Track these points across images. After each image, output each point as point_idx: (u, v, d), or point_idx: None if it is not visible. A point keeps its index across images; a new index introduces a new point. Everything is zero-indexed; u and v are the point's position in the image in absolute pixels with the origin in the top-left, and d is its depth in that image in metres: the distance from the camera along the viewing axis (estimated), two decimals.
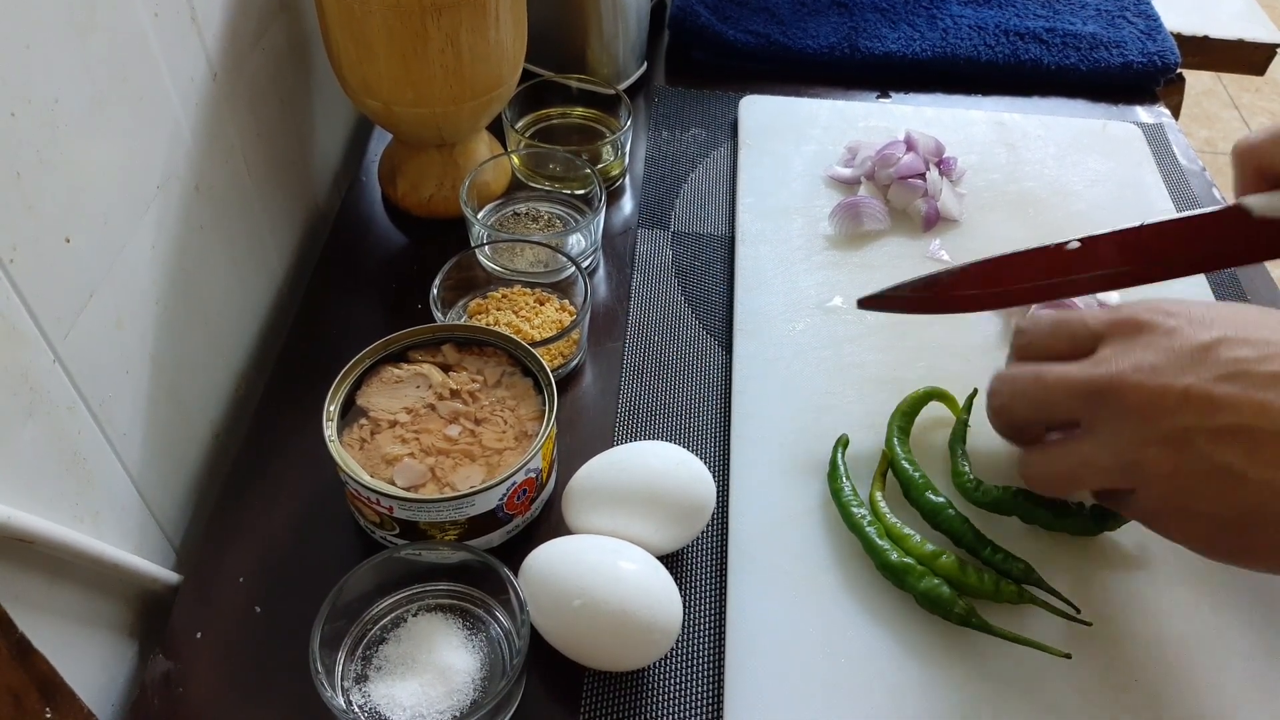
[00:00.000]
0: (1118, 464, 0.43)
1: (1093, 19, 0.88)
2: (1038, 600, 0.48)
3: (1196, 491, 0.41)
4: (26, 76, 0.39)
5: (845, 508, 0.51)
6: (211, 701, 0.47)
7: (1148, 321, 0.44)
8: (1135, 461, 0.42)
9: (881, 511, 0.51)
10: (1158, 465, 0.41)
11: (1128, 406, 0.42)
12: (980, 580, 0.48)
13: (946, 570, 0.48)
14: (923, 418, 0.57)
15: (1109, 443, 0.43)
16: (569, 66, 0.76)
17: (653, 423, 0.58)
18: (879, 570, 0.49)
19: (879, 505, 0.51)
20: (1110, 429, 0.43)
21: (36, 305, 0.41)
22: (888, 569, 0.49)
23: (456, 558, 0.48)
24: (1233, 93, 2.37)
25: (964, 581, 0.48)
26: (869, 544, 0.49)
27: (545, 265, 0.63)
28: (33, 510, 0.41)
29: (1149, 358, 0.42)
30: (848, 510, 0.51)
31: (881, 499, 0.52)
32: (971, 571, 0.48)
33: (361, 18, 0.58)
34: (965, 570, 0.48)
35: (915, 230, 0.69)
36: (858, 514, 0.51)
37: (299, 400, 0.58)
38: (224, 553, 0.52)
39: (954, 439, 0.55)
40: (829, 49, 0.84)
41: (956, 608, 0.47)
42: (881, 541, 0.49)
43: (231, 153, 0.59)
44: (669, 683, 0.48)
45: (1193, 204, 0.73)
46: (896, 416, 0.55)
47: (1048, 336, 0.48)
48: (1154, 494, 0.43)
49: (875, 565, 0.49)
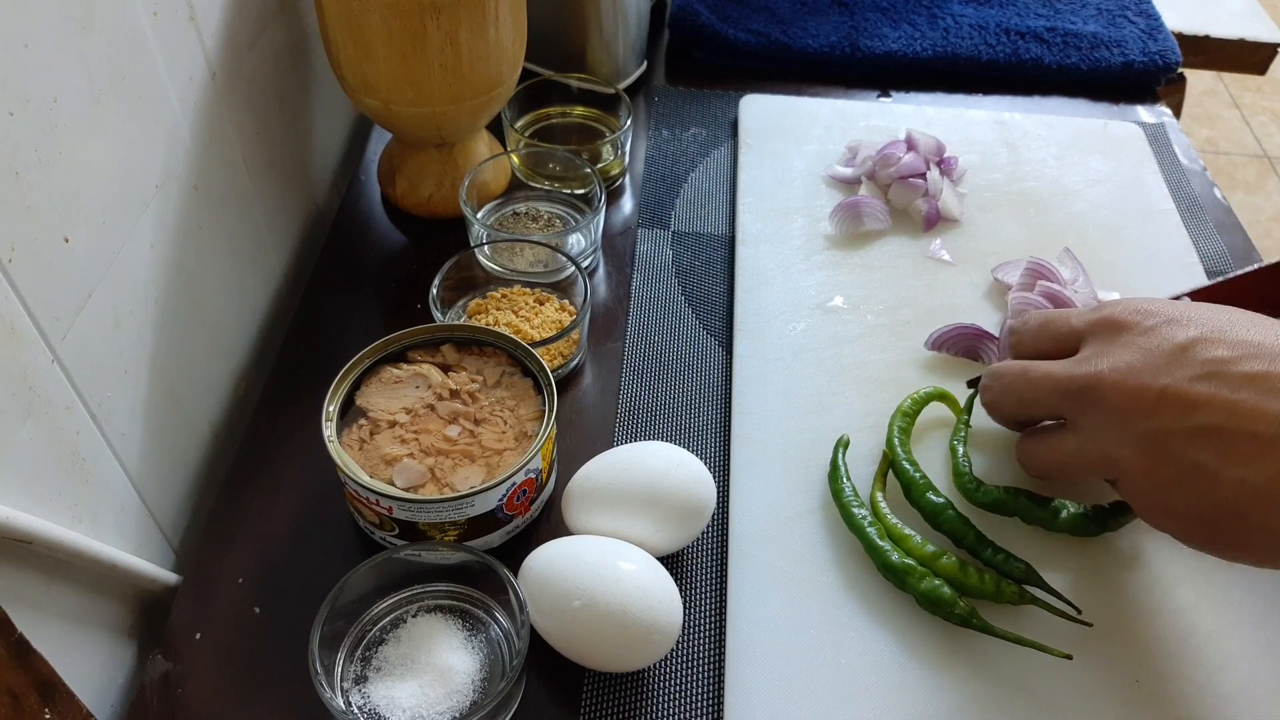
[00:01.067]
0: (1099, 459, 0.45)
1: (1094, 18, 0.88)
2: (1039, 601, 0.48)
3: (1172, 489, 0.42)
4: (25, 76, 0.39)
5: (846, 508, 0.51)
6: (210, 702, 0.46)
7: (1127, 321, 0.45)
8: (1114, 458, 0.44)
9: (882, 512, 0.51)
10: (1134, 463, 0.43)
11: (1108, 405, 0.44)
12: (981, 581, 0.48)
13: (947, 571, 0.48)
14: (924, 418, 0.57)
15: (1091, 439, 0.45)
16: (569, 66, 0.76)
17: (653, 423, 0.58)
18: (880, 571, 0.49)
19: (879, 506, 0.51)
20: (1092, 426, 0.45)
21: (35, 305, 0.41)
22: (888, 570, 0.48)
23: (456, 558, 0.48)
24: (1234, 92, 2.37)
25: (965, 582, 0.48)
26: (870, 545, 0.49)
27: (545, 265, 0.63)
28: (31, 510, 0.41)
29: (1127, 357, 0.44)
30: (849, 511, 0.51)
31: (882, 499, 0.52)
32: (972, 572, 0.48)
33: (360, 16, 0.57)
34: (966, 571, 0.48)
35: (916, 230, 0.69)
36: (859, 515, 0.50)
37: (298, 400, 0.58)
38: (223, 553, 0.52)
39: (954, 439, 0.55)
40: (829, 48, 0.84)
41: (957, 609, 0.47)
42: (882, 542, 0.49)
43: (230, 152, 0.59)
44: (669, 683, 0.47)
45: (1194, 204, 0.73)
46: (897, 417, 0.55)
47: (1035, 335, 0.50)
48: (1132, 489, 0.44)
49: (876, 566, 0.49)
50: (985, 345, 0.60)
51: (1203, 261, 0.68)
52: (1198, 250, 0.69)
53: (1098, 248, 0.68)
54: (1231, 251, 0.70)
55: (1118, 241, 0.69)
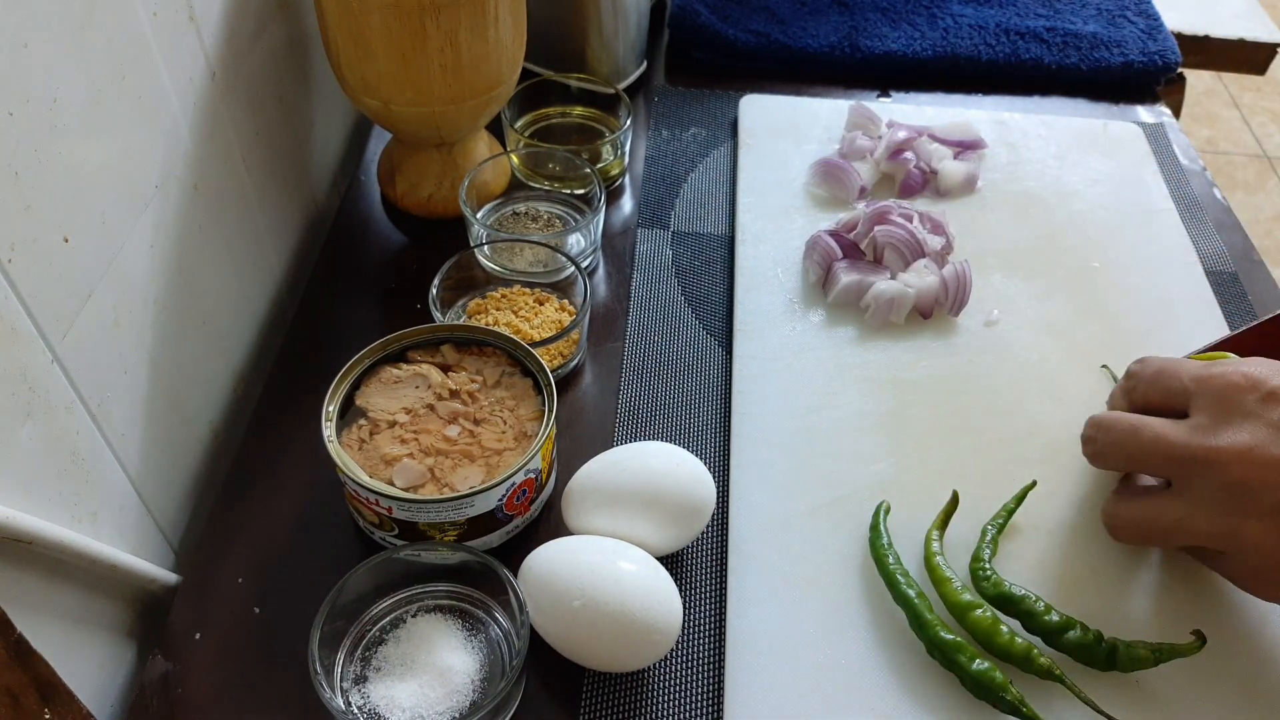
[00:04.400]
0: (1215, 530, 0.43)
1: (1093, 18, 0.88)
2: (1065, 681, 0.45)
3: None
4: (25, 76, 0.39)
5: (890, 576, 0.48)
6: (210, 702, 0.46)
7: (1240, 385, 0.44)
8: (1234, 531, 0.43)
9: (933, 550, 0.49)
10: (1260, 537, 0.42)
11: (1231, 478, 0.42)
12: (1011, 644, 0.45)
13: (978, 625, 0.46)
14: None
15: (1206, 508, 0.43)
16: (568, 65, 0.76)
17: (653, 423, 0.58)
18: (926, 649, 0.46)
19: (932, 544, 0.50)
20: (1208, 495, 0.43)
21: (35, 305, 0.41)
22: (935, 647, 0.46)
23: (456, 558, 0.48)
24: (1234, 92, 2.37)
25: (995, 642, 0.46)
26: (917, 619, 0.47)
27: (545, 265, 0.63)
28: (31, 510, 0.41)
29: (1249, 429, 0.43)
30: (892, 579, 0.48)
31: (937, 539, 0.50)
32: (1004, 633, 0.46)
33: (360, 16, 0.57)
34: (997, 630, 0.46)
35: None
36: (903, 585, 0.48)
37: (298, 400, 0.58)
38: (223, 553, 0.52)
39: (991, 522, 0.51)
40: (829, 48, 0.84)
41: (1009, 694, 0.44)
42: (929, 616, 0.46)
43: (230, 152, 0.59)
44: (669, 683, 0.47)
45: (1193, 204, 0.73)
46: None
47: (1148, 385, 0.49)
48: (1251, 562, 0.43)
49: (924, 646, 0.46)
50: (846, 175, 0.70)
51: (1202, 261, 0.68)
52: (1197, 250, 0.69)
53: (1098, 247, 0.68)
54: (1231, 251, 0.70)
55: (1118, 241, 0.69)
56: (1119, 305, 0.65)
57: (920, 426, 0.57)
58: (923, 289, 0.62)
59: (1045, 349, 0.62)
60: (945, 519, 0.51)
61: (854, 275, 0.63)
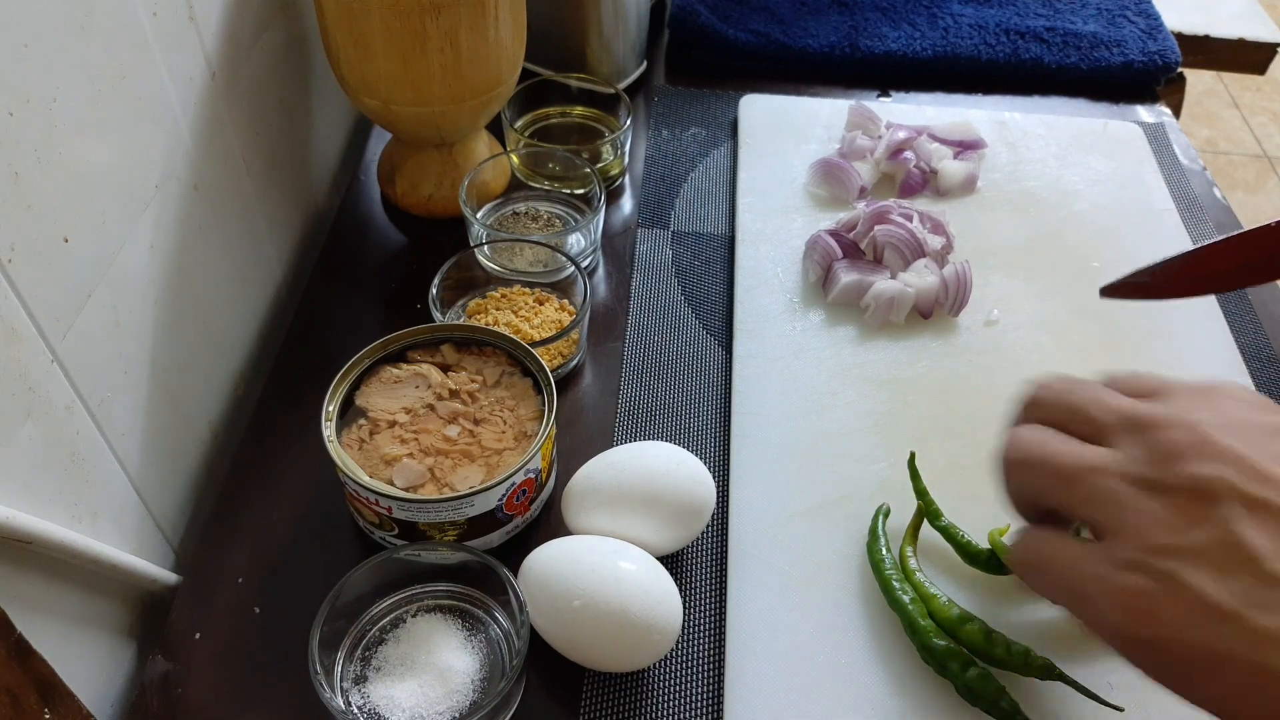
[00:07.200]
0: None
1: (1093, 18, 0.88)
2: (1066, 678, 0.45)
3: None
4: (25, 76, 0.39)
5: (887, 582, 0.48)
6: (210, 702, 0.46)
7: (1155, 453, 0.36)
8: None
9: (910, 569, 0.49)
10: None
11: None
12: (1008, 652, 0.45)
13: (971, 638, 0.46)
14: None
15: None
16: (569, 65, 0.76)
17: (653, 423, 0.58)
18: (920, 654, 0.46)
19: (908, 561, 0.49)
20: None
21: (35, 305, 0.41)
22: (928, 653, 0.46)
23: (456, 558, 0.48)
24: (1234, 92, 2.37)
25: (990, 653, 0.45)
26: (911, 624, 0.47)
27: (545, 265, 0.63)
28: (31, 511, 0.41)
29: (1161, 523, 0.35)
30: (889, 585, 0.48)
31: (912, 555, 0.50)
32: (999, 641, 0.45)
33: (360, 16, 0.57)
34: (991, 641, 0.45)
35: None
36: (898, 590, 0.48)
37: (298, 400, 0.58)
38: (223, 553, 0.52)
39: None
40: (829, 48, 0.84)
41: (1003, 701, 0.44)
42: (924, 622, 0.46)
43: (230, 152, 0.59)
44: (669, 683, 0.47)
45: (1193, 203, 0.73)
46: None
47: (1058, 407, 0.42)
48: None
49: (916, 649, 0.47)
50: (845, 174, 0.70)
51: None
52: None
53: (1098, 247, 0.68)
54: None
55: (1117, 241, 0.69)
56: (1119, 305, 0.64)
57: (920, 426, 0.57)
58: (923, 289, 0.62)
59: (1045, 349, 0.62)
60: (915, 530, 0.51)
61: (854, 275, 0.63)
